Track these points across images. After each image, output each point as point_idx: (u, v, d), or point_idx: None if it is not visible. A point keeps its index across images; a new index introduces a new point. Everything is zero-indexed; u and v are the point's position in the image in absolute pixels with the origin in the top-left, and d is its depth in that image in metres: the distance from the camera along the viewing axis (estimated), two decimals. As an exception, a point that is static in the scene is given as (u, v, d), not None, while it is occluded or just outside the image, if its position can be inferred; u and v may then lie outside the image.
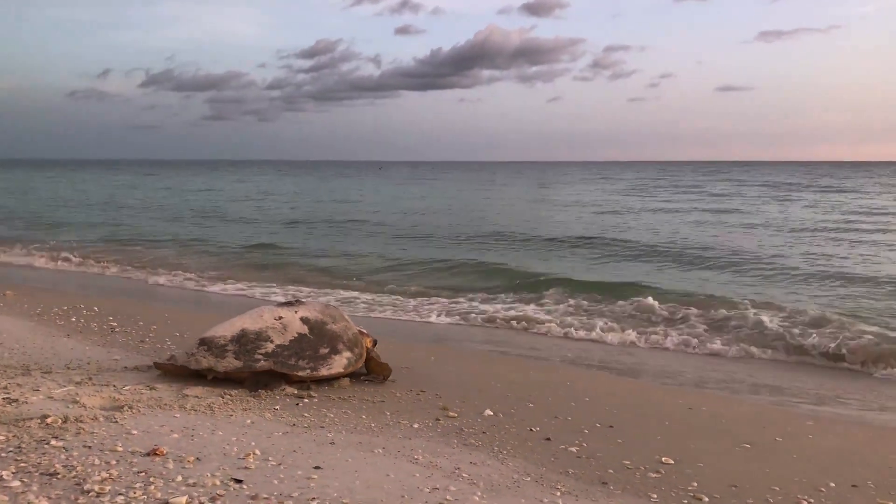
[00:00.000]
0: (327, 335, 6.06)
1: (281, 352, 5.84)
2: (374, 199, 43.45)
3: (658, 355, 9.19)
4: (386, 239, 23.22)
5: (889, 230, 24.36)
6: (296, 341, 5.92)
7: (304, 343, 5.94)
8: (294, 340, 5.92)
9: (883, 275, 14.97)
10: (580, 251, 19.70)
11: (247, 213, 33.81)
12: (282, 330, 5.94)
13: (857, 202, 38.26)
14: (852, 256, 18.18)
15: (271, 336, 5.88)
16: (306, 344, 5.94)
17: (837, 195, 45.05)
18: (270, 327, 5.93)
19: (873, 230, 24.23)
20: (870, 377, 8.29)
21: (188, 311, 10.54)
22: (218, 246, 20.85)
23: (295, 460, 4.21)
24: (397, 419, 5.39)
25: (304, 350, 5.91)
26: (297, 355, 5.87)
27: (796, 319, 10.34)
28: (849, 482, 4.61)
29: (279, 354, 5.83)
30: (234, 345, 5.82)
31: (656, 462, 4.78)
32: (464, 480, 4.14)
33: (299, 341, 5.93)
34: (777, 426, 5.85)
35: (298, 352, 5.89)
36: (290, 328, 5.96)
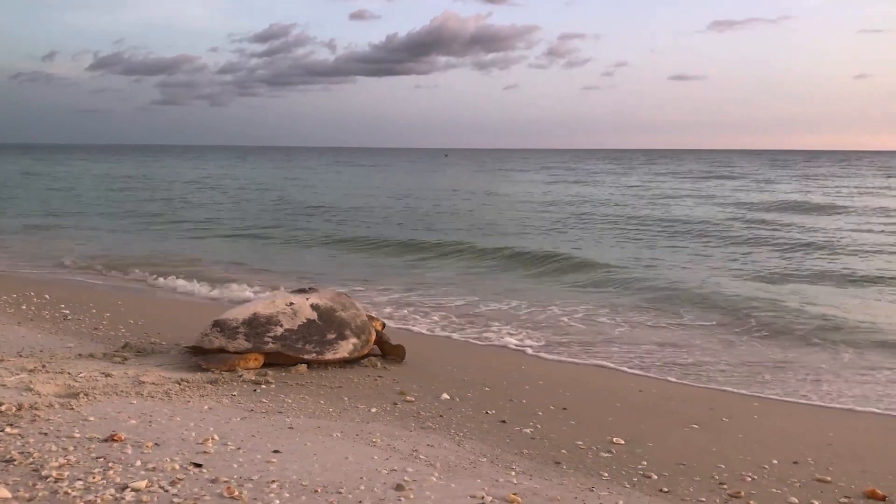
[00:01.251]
0: (336, 321, 6.37)
1: (289, 335, 6.16)
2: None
3: (608, 339, 9.35)
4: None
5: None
6: (304, 326, 6.24)
7: (312, 328, 6.25)
8: (303, 325, 6.24)
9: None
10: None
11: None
12: (292, 315, 6.25)
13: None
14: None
15: (281, 320, 6.19)
16: (314, 329, 6.26)
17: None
18: (281, 312, 6.24)
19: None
20: (814, 358, 8.56)
21: (141, 298, 10.42)
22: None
23: (254, 444, 4.25)
24: (355, 404, 5.46)
25: (311, 335, 6.23)
26: (304, 339, 6.20)
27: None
28: (790, 459, 4.81)
29: (287, 338, 6.15)
30: (245, 327, 6.12)
31: (608, 442, 4.93)
32: (421, 462, 4.23)
33: (308, 326, 6.25)
34: (724, 407, 6.05)
35: (306, 336, 6.22)
36: (300, 314, 6.28)
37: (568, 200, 32.09)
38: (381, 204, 30.55)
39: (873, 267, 14.80)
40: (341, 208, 28.27)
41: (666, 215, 25.45)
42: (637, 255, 16.46)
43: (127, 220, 23.75)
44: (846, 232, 20.74)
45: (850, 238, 19.34)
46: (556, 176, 57.01)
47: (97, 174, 54.70)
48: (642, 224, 22.73)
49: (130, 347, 6.72)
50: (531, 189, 41.31)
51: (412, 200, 32.71)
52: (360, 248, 17.72)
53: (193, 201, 31.83)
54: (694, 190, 39.95)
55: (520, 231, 21.13)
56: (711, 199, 33.37)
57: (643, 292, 11.92)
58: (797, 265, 15.13)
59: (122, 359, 6.26)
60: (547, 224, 23.02)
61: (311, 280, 12.59)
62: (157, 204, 29.77)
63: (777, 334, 9.19)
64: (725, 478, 4.42)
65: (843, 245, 18.05)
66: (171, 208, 28.11)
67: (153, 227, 21.68)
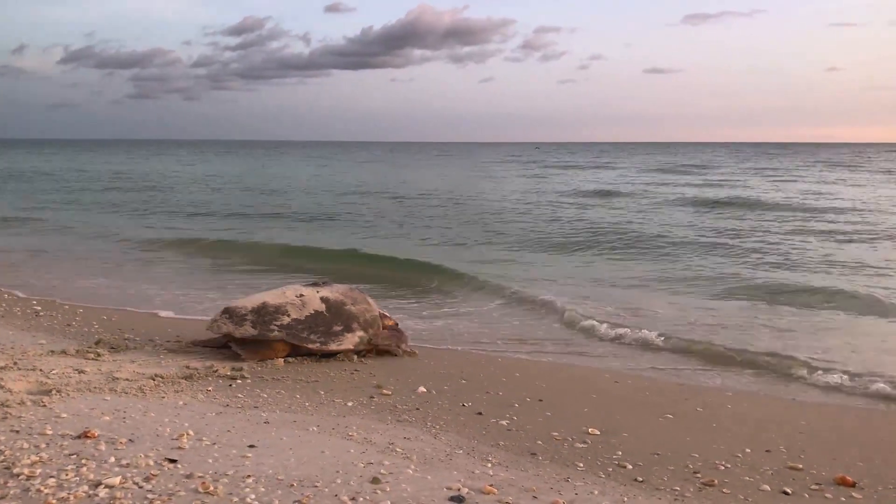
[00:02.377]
0: (344, 314, 6.56)
1: (295, 325, 6.36)
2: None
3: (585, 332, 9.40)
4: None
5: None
6: (311, 317, 6.44)
7: (318, 319, 6.46)
8: (310, 316, 6.44)
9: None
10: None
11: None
12: (300, 306, 6.45)
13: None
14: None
15: (289, 310, 6.39)
16: (321, 321, 6.46)
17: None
18: (290, 303, 6.45)
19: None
20: (782, 347, 8.66)
21: (113, 295, 10.32)
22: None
23: (229, 440, 4.23)
24: (331, 398, 5.45)
25: (317, 325, 6.43)
26: (310, 329, 6.40)
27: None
28: (763, 448, 4.87)
29: (293, 327, 6.35)
30: (253, 315, 6.35)
31: (583, 433, 4.97)
32: (398, 455, 4.23)
33: (315, 317, 6.45)
34: (698, 397, 6.11)
35: (312, 326, 6.41)
36: (309, 305, 6.48)
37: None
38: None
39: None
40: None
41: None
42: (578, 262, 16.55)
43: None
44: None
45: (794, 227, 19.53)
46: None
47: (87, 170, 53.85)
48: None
49: (104, 343, 6.66)
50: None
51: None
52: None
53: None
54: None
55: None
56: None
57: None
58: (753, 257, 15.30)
59: (96, 355, 6.20)
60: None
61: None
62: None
63: (747, 327, 9.28)
64: (699, 467, 4.47)
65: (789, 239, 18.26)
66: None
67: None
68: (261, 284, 10.74)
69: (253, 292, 7.06)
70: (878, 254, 15.27)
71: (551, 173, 49.15)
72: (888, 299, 10.49)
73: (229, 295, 9.84)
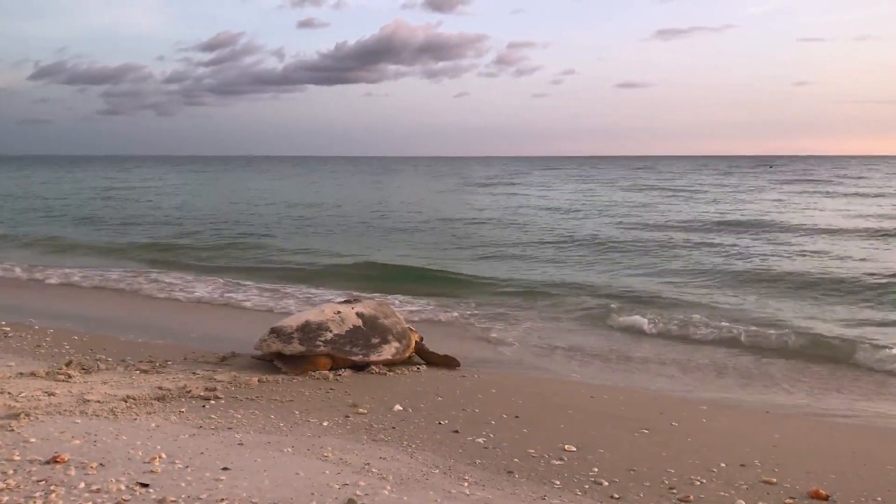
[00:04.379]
0: (379, 328, 7.07)
1: (338, 339, 6.83)
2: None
3: (561, 346, 9.42)
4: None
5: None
6: (351, 332, 6.92)
7: (358, 333, 6.95)
8: (350, 331, 6.92)
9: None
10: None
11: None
12: (340, 322, 6.94)
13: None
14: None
15: (330, 327, 6.87)
16: (360, 334, 6.95)
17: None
18: (330, 320, 6.93)
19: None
20: (758, 362, 8.74)
21: (83, 315, 10.17)
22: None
23: (203, 462, 4.18)
24: (306, 418, 5.40)
25: (357, 339, 6.92)
26: (351, 343, 6.88)
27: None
28: (738, 462, 4.89)
29: (336, 342, 6.81)
30: (298, 333, 6.79)
31: (559, 450, 4.96)
32: (374, 475, 4.20)
33: (354, 332, 6.93)
34: (673, 412, 6.13)
35: (353, 340, 6.90)
36: (347, 321, 6.97)
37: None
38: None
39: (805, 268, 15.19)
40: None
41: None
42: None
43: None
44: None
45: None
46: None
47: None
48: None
49: (75, 365, 6.56)
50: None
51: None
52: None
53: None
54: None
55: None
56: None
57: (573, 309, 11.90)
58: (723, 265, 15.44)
59: (67, 377, 6.11)
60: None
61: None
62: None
63: (718, 341, 9.35)
64: (675, 482, 4.48)
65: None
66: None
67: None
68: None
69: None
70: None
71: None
72: None
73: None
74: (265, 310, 10.92)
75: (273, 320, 8.12)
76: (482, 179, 63.59)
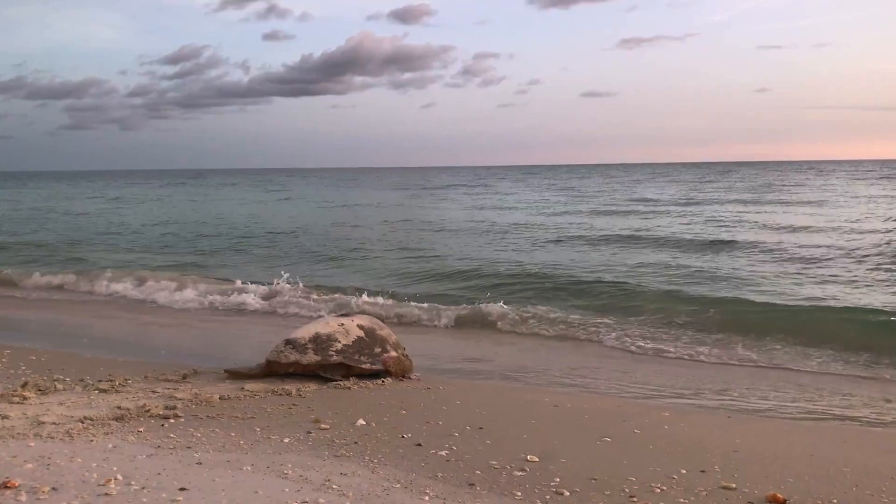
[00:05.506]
0: (378, 338, 7.41)
1: (347, 349, 7.16)
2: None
3: (522, 354, 9.45)
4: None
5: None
6: (356, 342, 7.25)
7: (362, 343, 7.27)
8: (355, 341, 7.25)
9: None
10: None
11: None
12: (345, 333, 7.27)
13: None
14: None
15: (338, 338, 7.20)
16: (364, 344, 7.27)
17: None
18: (337, 331, 7.25)
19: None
20: (724, 366, 8.84)
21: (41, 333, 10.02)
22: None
23: (159, 483, 4.12)
24: (268, 434, 5.35)
25: (363, 349, 7.24)
26: (359, 352, 7.20)
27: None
28: (698, 468, 4.92)
29: (346, 351, 7.15)
30: (312, 344, 7.13)
31: (522, 460, 4.96)
32: (333, 492, 4.17)
33: (359, 342, 7.26)
34: (636, 419, 6.16)
35: (359, 350, 7.22)
36: (351, 332, 7.30)
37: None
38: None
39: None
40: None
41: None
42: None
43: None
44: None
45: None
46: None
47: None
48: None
49: (31, 386, 6.44)
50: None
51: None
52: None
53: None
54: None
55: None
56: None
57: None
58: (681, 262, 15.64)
59: (22, 398, 5.99)
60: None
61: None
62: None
63: (683, 343, 9.45)
64: (636, 490, 4.50)
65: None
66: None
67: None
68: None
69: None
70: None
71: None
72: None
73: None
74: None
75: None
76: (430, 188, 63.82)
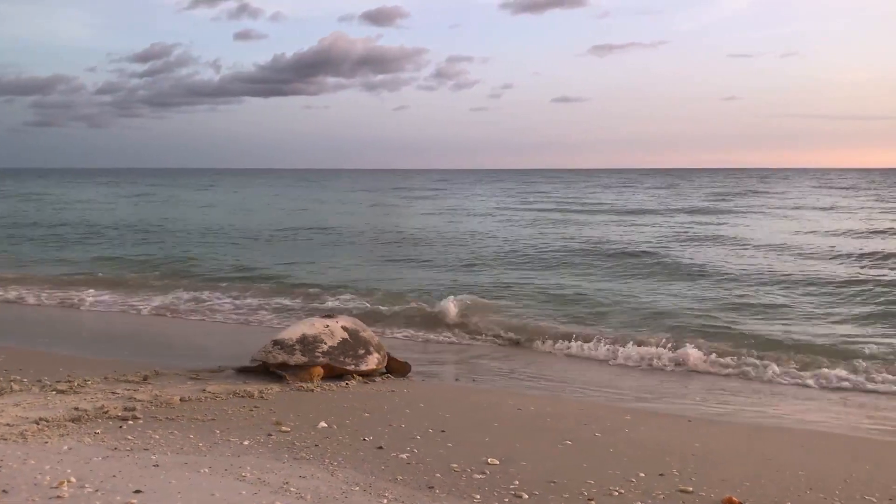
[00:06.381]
0: (362, 340, 7.58)
1: (333, 350, 7.30)
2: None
3: (490, 357, 9.47)
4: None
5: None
6: (341, 343, 7.40)
7: (347, 345, 7.42)
8: (340, 343, 7.40)
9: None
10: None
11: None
12: (330, 335, 7.40)
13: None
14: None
15: (324, 339, 7.33)
16: (349, 346, 7.43)
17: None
18: (322, 333, 7.39)
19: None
20: (686, 371, 8.92)
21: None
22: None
23: (114, 485, 4.07)
24: (227, 437, 5.30)
25: (348, 350, 7.40)
26: (343, 354, 7.35)
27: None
28: (657, 471, 4.96)
29: (332, 353, 7.28)
30: (299, 345, 7.23)
31: (482, 463, 4.96)
32: (291, 495, 4.14)
33: (344, 344, 7.41)
34: (597, 422, 6.20)
35: (344, 351, 7.37)
36: (336, 334, 7.44)
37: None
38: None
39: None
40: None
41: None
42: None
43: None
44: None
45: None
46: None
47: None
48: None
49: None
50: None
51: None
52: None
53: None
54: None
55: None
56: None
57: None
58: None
59: (-24, 400, 5.89)
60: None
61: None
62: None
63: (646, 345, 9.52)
64: (594, 493, 4.52)
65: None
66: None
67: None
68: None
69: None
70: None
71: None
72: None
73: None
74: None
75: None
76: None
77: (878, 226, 26.81)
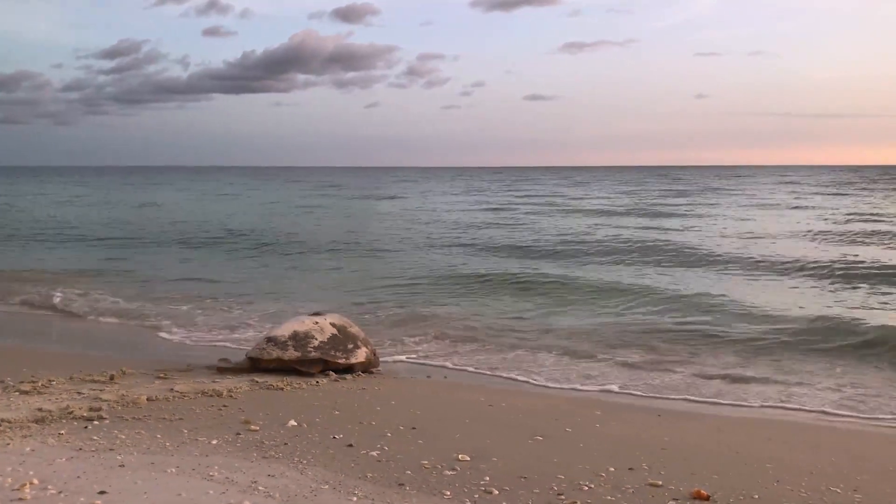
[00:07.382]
0: (350, 335, 7.85)
1: (324, 345, 7.60)
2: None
3: (463, 353, 9.47)
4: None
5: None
6: (331, 339, 7.68)
7: (336, 340, 7.70)
8: (330, 338, 7.68)
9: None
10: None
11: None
12: (320, 331, 7.69)
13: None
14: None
15: (314, 335, 7.62)
16: (339, 341, 7.71)
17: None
18: (313, 329, 7.68)
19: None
20: (657, 368, 8.97)
21: None
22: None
23: (79, 486, 4.00)
24: (195, 436, 5.23)
25: (338, 345, 7.67)
26: (334, 348, 7.63)
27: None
28: (626, 466, 4.97)
29: (323, 347, 7.58)
30: (292, 341, 7.55)
31: (453, 460, 4.95)
32: (260, 494, 4.10)
33: (333, 339, 7.69)
34: (568, 417, 6.22)
35: (335, 346, 7.65)
36: (326, 330, 7.73)
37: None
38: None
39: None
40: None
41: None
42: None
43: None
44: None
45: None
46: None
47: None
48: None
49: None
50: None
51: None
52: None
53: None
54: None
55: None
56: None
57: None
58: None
59: (-64, 401, 5.76)
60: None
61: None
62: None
63: (620, 345, 9.59)
64: (564, 488, 4.53)
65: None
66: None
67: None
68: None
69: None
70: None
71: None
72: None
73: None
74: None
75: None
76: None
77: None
